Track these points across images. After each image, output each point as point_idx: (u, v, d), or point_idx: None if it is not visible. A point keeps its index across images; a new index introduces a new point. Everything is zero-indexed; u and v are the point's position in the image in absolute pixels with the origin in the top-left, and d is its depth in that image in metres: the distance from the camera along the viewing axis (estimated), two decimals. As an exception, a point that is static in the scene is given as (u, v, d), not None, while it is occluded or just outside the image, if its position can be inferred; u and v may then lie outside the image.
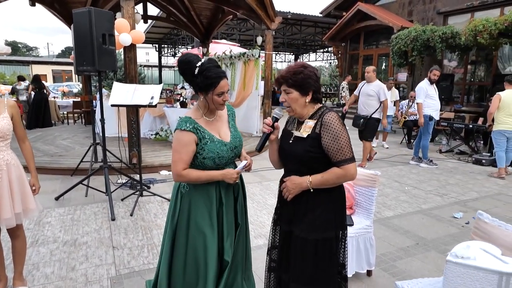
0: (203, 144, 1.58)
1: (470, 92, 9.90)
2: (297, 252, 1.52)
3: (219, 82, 1.56)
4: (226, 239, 1.65)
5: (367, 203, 2.42)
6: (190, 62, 1.56)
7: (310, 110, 1.53)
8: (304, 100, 1.49)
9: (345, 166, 1.43)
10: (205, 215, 1.62)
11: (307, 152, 1.46)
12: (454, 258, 1.31)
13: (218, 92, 1.57)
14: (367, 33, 12.31)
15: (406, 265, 2.57)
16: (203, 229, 1.61)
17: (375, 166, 5.60)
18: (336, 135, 1.42)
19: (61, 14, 7.91)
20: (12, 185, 1.95)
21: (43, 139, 6.84)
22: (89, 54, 3.54)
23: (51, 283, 2.28)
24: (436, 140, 7.65)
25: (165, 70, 23.93)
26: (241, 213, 1.76)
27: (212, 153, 1.58)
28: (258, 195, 4.10)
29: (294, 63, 1.55)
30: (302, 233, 1.49)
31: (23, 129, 2.08)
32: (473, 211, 3.66)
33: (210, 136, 1.60)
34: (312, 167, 1.48)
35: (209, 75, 1.54)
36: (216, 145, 1.61)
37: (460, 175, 5.19)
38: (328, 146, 1.44)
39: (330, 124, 1.43)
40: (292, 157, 1.54)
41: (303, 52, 24.94)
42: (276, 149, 1.62)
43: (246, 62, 7.33)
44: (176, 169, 1.57)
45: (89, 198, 3.92)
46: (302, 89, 1.48)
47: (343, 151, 1.43)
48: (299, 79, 1.46)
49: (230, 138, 1.69)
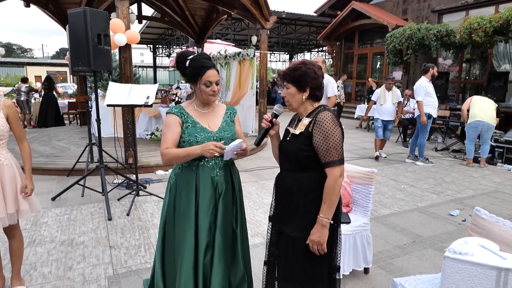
0: (185, 128, 1.67)
1: (465, 90, 9.98)
2: (286, 251, 1.52)
3: (205, 72, 1.63)
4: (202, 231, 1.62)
5: (364, 200, 2.43)
6: (183, 55, 1.70)
7: (309, 108, 1.52)
8: (301, 97, 1.49)
9: (331, 168, 1.41)
10: (186, 204, 1.66)
11: (299, 150, 1.46)
12: (452, 254, 1.31)
13: (204, 81, 1.64)
14: (361, 32, 12.35)
15: (403, 262, 2.58)
16: (185, 217, 1.64)
17: (371, 164, 5.63)
18: (326, 135, 1.40)
19: (55, 15, 7.85)
20: (4, 185, 1.94)
21: (39, 140, 6.78)
22: (85, 54, 3.51)
23: (48, 283, 2.26)
24: (432, 138, 7.70)
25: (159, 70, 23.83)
26: (223, 214, 1.68)
27: (190, 137, 1.64)
28: (254, 194, 4.10)
29: (296, 61, 1.55)
30: (292, 232, 1.48)
31: (21, 130, 2.06)
32: (469, 209, 3.68)
33: (193, 122, 1.68)
34: (304, 165, 1.47)
35: (196, 65, 1.64)
36: (197, 130, 1.66)
37: (456, 173, 5.23)
38: (318, 145, 1.42)
39: (322, 122, 1.42)
40: (285, 154, 1.55)
41: (298, 52, 24.96)
42: (276, 144, 1.63)
43: (241, 62, 7.32)
44: (161, 148, 1.67)
45: (85, 198, 3.89)
46: (299, 85, 1.48)
47: (331, 152, 1.40)
48: (296, 75, 1.47)
49: (217, 129, 1.71)
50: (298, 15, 15.99)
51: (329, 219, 1.43)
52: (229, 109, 1.84)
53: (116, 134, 4.51)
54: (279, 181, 1.60)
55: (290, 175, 1.53)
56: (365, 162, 5.79)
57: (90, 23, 3.45)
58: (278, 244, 1.60)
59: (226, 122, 1.77)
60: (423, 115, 5.37)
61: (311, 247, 1.44)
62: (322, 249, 1.44)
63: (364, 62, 12.75)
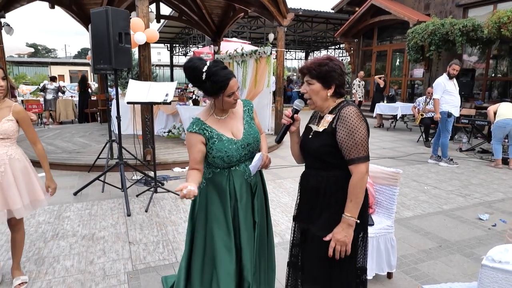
0: (211, 143, 1.58)
1: (492, 88, 9.53)
2: (312, 252, 1.46)
3: (228, 84, 1.53)
4: (243, 235, 1.63)
5: (388, 202, 2.33)
6: (195, 68, 1.52)
7: (331, 104, 1.46)
8: (326, 93, 1.43)
9: (356, 165, 1.35)
10: (220, 209, 1.63)
11: (322, 147, 1.41)
12: (491, 263, 1.22)
13: (228, 93, 1.55)
14: (381, 28, 12.02)
15: (429, 268, 2.46)
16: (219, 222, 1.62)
17: (391, 164, 5.45)
18: (351, 130, 1.35)
19: (78, 16, 8.08)
20: (17, 178, 2.03)
21: (62, 137, 7.01)
22: (106, 53, 3.58)
23: (71, 276, 2.31)
24: (456, 138, 7.39)
25: (176, 69, 24.15)
26: (260, 211, 1.72)
27: (220, 152, 1.57)
28: (272, 193, 4.05)
29: (320, 56, 1.49)
30: (318, 231, 1.43)
31: (33, 133, 2.14)
32: (499, 213, 3.49)
33: (218, 136, 1.60)
34: (328, 162, 1.43)
35: (217, 79, 1.51)
36: (224, 144, 1.59)
37: (483, 175, 4.98)
38: (342, 141, 1.37)
39: (346, 118, 1.36)
40: (309, 152, 1.50)
41: (314, 49, 24.63)
42: (296, 141, 1.57)
43: (258, 60, 7.27)
44: (189, 167, 1.65)
45: (105, 193, 3.97)
46: (325, 81, 1.42)
47: (357, 148, 1.34)
48: (323, 70, 1.40)
49: (242, 135, 1.65)
50: (315, 12, 15.75)
51: (356, 218, 1.37)
52: (246, 104, 1.77)
53: (135, 132, 4.58)
54: (303, 180, 1.56)
55: (314, 173, 1.48)
56: (385, 162, 5.63)
57: (111, 22, 3.51)
58: (302, 245, 1.56)
59: (247, 122, 1.71)
60: (437, 112, 5.30)
61: (334, 246, 1.38)
62: (346, 250, 1.38)
63: (383, 59, 12.41)
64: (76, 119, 10.32)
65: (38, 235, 2.90)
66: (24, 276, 2.22)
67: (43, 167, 2.15)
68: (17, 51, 10.39)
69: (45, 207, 3.46)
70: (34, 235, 2.90)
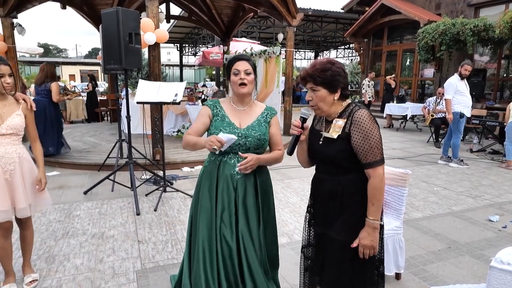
0: (214, 120, 1.69)
1: (504, 89, 9.34)
2: (332, 255, 1.46)
3: (235, 62, 1.68)
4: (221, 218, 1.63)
5: (397, 203, 2.32)
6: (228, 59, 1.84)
7: (339, 107, 1.46)
8: (332, 98, 1.43)
9: (374, 168, 1.36)
10: (207, 199, 1.69)
11: (339, 153, 1.41)
12: (500, 265, 1.21)
13: (233, 69, 1.67)
14: (391, 28, 11.89)
15: (438, 269, 2.44)
16: (204, 209, 1.67)
17: (401, 165, 5.40)
18: (367, 134, 1.35)
19: (89, 16, 8.21)
20: (24, 178, 2.05)
21: (72, 136, 7.12)
22: (117, 53, 3.63)
23: (81, 274, 2.35)
24: (467, 139, 7.27)
25: (185, 69, 24.34)
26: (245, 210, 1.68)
27: (216, 130, 1.64)
28: (280, 193, 4.06)
29: (319, 60, 1.48)
30: (338, 235, 1.43)
31: (35, 130, 2.18)
32: (510, 215, 3.43)
33: (223, 116, 1.69)
34: (343, 166, 1.43)
35: (229, 59, 1.75)
36: (223, 124, 1.65)
37: (494, 176, 4.89)
38: (357, 145, 1.37)
39: (360, 122, 1.37)
40: (324, 159, 1.49)
41: (324, 49, 24.50)
42: (305, 148, 1.56)
43: (267, 60, 7.28)
44: (186, 132, 1.74)
45: (115, 192, 4.03)
46: (331, 86, 1.41)
47: (373, 151, 1.35)
48: (327, 76, 1.39)
49: (245, 127, 1.68)
50: (325, 12, 15.67)
51: (380, 220, 1.40)
52: (268, 109, 1.78)
53: (144, 131, 4.64)
54: (317, 184, 1.55)
55: (328, 178, 1.48)
56: (394, 162, 5.57)
57: (122, 22, 3.56)
58: (318, 248, 1.56)
59: (258, 121, 1.73)
60: (449, 112, 5.23)
61: (363, 251, 1.39)
62: (374, 253, 1.41)
63: (393, 59, 12.27)
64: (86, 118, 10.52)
65: (48, 234, 2.95)
66: (35, 273, 2.26)
67: (39, 162, 2.15)
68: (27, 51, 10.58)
69: (55, 206, 3.54)
70: (45, 233, 2.96)
